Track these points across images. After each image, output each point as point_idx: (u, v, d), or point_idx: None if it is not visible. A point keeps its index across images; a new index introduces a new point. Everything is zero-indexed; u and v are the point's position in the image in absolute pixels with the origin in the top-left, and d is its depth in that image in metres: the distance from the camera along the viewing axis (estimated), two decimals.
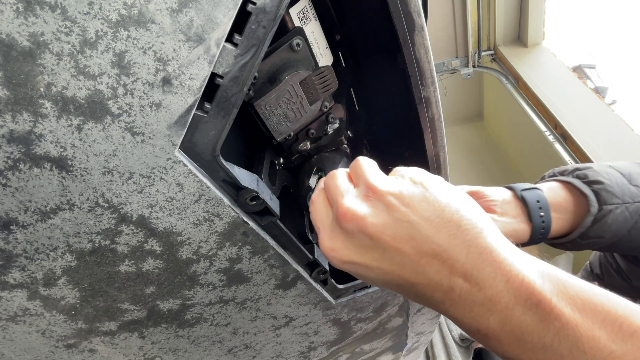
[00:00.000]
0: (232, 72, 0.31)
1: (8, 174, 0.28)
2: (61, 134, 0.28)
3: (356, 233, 0.29)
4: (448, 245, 0.27)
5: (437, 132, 0.52)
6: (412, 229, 0.28)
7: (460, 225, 0.27)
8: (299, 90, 0.44)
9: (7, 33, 0.23)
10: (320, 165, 0.53)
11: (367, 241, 0.29)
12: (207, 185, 0.35)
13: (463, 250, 0.27)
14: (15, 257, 0.32)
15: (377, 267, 0.29)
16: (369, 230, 0.29)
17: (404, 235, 0.28)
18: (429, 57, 0.45)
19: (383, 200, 0.29)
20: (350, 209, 0.29)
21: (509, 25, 2.46)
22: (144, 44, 0.27)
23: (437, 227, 0.27)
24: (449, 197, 0.29)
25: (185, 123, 0.31)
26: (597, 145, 1.71)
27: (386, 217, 0.28)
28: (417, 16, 0.41)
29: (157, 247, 0.37)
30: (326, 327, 0.62)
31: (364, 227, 0.29)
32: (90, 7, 0.24)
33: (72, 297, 0.38)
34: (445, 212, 0.28)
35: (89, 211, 0.32)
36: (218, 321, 0.50)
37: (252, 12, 0.30)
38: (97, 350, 0.45)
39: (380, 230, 0.28)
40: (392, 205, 0.29)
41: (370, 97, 0.64)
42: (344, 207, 0.30)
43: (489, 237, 0.27)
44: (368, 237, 0.29)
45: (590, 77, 2.63)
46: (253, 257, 0.44)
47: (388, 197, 0.29)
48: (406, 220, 0.28)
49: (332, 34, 0.56)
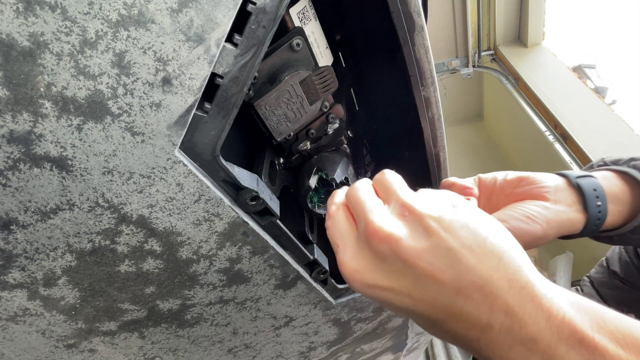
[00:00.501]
0: (232, 72, 0.31)
1: (8, 174, 0.28)
2: (61, 134, 0.28)
3: (388, 256, 0.27)
4: (490, 279, 0.25)
5: (437, 132, 0.52)
6: (452, 258, 0.26)
7: (502, 258, 0.26)
8: (299, 90, 0.44)
9: (7, 33, 0.23)
10: (320, 165, 0.53)
11: (399, 266, 0.27)
12: (207, 185, 0.35)
13: (505, 285, 0.25)
14: (15, 257, 0.32)
15: (406, 294, 0.27)
16: (404, 255, 0.26)
17: (442, 263, 0.26)
18: (429, 57, 0.45)
19: (422, 222, 0.27)
20: (384, 229, 0.27)
21: (509, 25, 2.46)
22: (144, 44, 0.27)
23: (479, 258, 0.25)
24: (490, 227, 0.27)
25: (185, 123, 0.31)
26: (597, 145, 1.71)
27: (424, 242, 0.26)
28: (417, 16, 0.41)
29: (157, 247, 0.37)
30: (326, 327, 0.62)
31: (398, 250, 0.26)
32: (90, 7, 0.24)
33: (72, 297, 0.38)
34: (487, 243, 0.26)
35: (89, 211, 0.32)
36: (218, 321, 0.50)
37: (252, 12, 0.30)
38: (97, 350, 0.45)
39: (417, 256, 0.26)
40: (431, 229, 0.26)
41: (370, 97, 0.64)
42: (375, 225, 0.27)
43: (529, 272, 0.26)
44: (401, 261, 0.26)
45: (590, 77, 2.63)
46: (253, 257, 0.44)
47: (427, 219, 0.26)
48: (446, 247, 0.26)
49: (332, 34, 0.56)
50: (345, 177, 0.52)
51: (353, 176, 0.56)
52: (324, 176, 0.52)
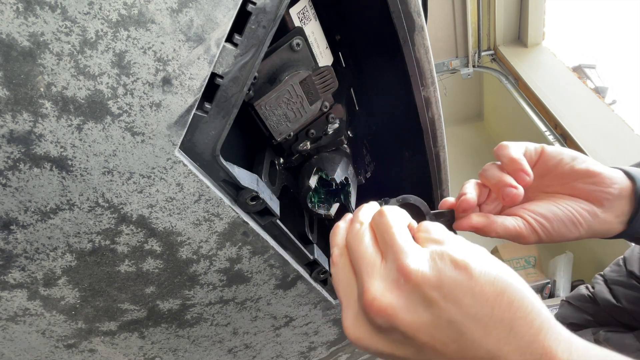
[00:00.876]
0: (232, 72, 0.31)
1: (8, 174, 0.28)
2: (61, 134, 0.28)
3: (386, 328, 0.25)
4: (499, 352, 0.23)
5: (437, 132, 0.52)
6: (454, 331, 0.23)
7: (512, 327, 0.23)
8: (299, 90, 0.44)
9: (7, 33, 0.23)
10: (320, 165, 0.53)
11: (398, 336, 0.25)
12: (207, 185, 0.35)
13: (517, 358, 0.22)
14: (15, 257, 0.32)
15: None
16: (401, 328, 0.24)
17: (444, 336, 0.24)
18: (429, 57, 0.45)
19: (420, 292, 0.24)
20: (379, 302, 0.25)
21: (509, 25, 2.46)
22: (144, 44, 0.27)
23: (486, 329, 0.23)
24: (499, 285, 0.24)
25: (185, 123, 0.31)
26: (597, 145, 1.71)
27: (423, 315, 0.24)
28: (417, 16, 0.41)
29: (157, 247, 0.37)
30: (326, 327, 0.62)
31: (396, 324, 0.25)
32: (90, 7, 0.24)
33: (72, 297, 0.38)
34: (495, 310, 0.23)
35: (89, 211, 0.32)
36: (218, 321, 0.50)
37: (252, 12, 0.30)
38: (97, 350, 0.45)
39: (416, 329, 0.24)
40: (430, 299, 0.24)
41: (370, 97, 0.64)
42: (371, 295, 0.25)
43: (548, 334, 0.23)
44: (401, 333, 0.25)
45: (590, 77, 2.63)
46: (253, 257, 0.44)
47: (425, 288, 0.24)
48: (447, 320, 0.24)
49: (332, 34, 0.56)
50: (345, 177, 0.52)
51: (353, 176, 0.56)
52: (324, 176, 0.52)
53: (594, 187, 0.38)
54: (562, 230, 0.38)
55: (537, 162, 0.40)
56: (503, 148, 0.38)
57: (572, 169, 0.39)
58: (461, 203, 0.39)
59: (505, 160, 0.38)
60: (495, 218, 0.38)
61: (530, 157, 0.39)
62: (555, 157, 0.39)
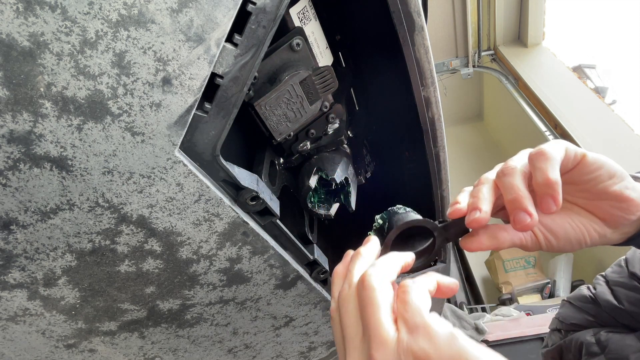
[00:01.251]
0: (232, 72, 0.31)
1: (8, 174, 0.28)
2: (61, 134, 0.28)
3: None
4: None
5: (437, 132, 0.52)
6: None
7: None
8: (299, 90, 0.44)
9: (7, 33, 0.23)
10: (320, 165, 0.53)
11: None
12: (207, 185, 0.35)
13: None
14: (15, 257, 0.32)
15: None
16: None
17: None
18: (429, 57, 0.45)
19: None
20: None
21: (509, 25, 2.47)
22: (144, 44, 0.27)
23: None
24: None
25: (185, 123, 0.31)
26: (597, 145, 1.71)
27: None
28: (417, 16, 0.41)
29: (157, 247, 0.37)
30: (326, 327, 0.62)
31: None
32: (90, 7, 0.24)
33: (72, 297, 0.38)
34: None
35: (89, 211, 0.32)
36: (218, 321, 0.50)
37: (252, 12, 0.30)
38: (97, 350, 0.45)
39: None
40: None
41: (370, 97, 0.64)
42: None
43: None
44: None
45: (590, 77, 2.63)
46: (253, 257, 0.44)
47: None
48: None
49: (332, 34, 0.56)
50: (345, 177, 0.52)
51: (353, 176, 0.56)
52: (324, 176, 0.52)
53: (619, 212, 0.36)
54: (566, 247, 0.37)
55: (571, 170, 0.36)
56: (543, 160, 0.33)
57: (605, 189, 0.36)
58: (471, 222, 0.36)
59: (539, 178, 0.33)
60: (504, 238, 0.37)
61: (567, 161, 0.35)
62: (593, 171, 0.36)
